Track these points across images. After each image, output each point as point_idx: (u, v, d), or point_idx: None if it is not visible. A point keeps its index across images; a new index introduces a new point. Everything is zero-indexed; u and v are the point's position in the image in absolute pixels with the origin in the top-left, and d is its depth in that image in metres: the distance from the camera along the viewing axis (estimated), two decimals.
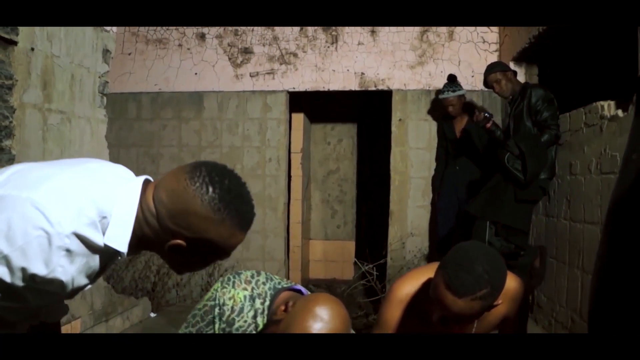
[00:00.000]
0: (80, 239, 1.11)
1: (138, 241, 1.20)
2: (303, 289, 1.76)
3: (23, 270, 1.06)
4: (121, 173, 1.26)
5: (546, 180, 3.68)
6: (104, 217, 1.14)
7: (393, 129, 5.21)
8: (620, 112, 2.86)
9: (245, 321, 1.69)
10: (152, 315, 4.26)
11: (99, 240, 1.14)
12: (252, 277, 1.76)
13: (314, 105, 6.40)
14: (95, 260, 1.18)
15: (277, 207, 5.40)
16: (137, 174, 1.29)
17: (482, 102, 5.04)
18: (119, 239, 1.16)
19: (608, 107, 2.96)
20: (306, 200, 6.51)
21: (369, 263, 5.07)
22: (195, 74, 5.57)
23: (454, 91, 4.59)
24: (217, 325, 1.70)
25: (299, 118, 6.26)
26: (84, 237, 1.11)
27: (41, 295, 1.17)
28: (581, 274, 3.21)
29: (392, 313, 1.86)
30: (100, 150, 3.47)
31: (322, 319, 1.46)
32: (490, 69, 3.96)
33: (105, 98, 3.53)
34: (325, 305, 1.49)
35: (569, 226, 3.43)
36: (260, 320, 1.69)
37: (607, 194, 2.92)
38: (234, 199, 1.19)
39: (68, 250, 1.10)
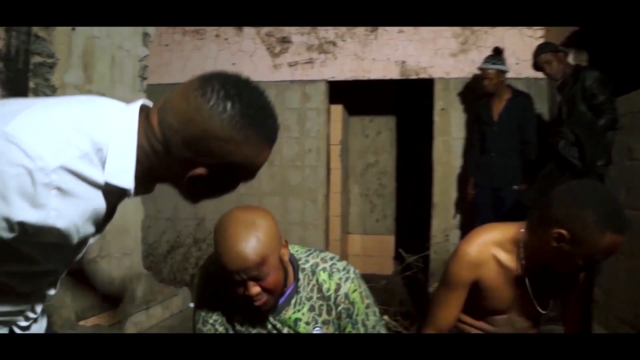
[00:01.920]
0: (73, 174, 0.90)
1: (145, 175, 1.01)
2: None
3: (7, 220, 0.87)
4: (114, 102, 1.05)
5: (603, 167, 3.49)
6: (100, 149, 0.94)
7: (435, 118, 5.06)
8: None
9: None
10: (192, 305, 4.20)
11: (98, 176, 0.94)
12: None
13: (352, 97, 6.28)
14: (98, 202, 0.98)
15: (316, 199, 5.30)
16: None
17: (527, 89, 4.83)
18: (123, 174, 0.96)
19: None
20: (345, 193, 6.40)
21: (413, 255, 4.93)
22: (233, 64, 5.51)
23: (493, 64, 4.33)
24: None
25: (337, 110, 6.15)
26: (78, 173, 0.91)
27: (47, 250, 0.99)
28: None
29: (466, 275, 1.74)
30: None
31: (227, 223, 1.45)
32: (541, 49, 3.78)
33: (145, 82, 3.48)
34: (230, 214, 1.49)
35: (629, 216, 3.25)
36: None
37: None
38: (257, 113, 1.01)
39: (59, 189, 0.89)
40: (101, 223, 1.05)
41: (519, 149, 4.30)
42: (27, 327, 1.14)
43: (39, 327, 1.19)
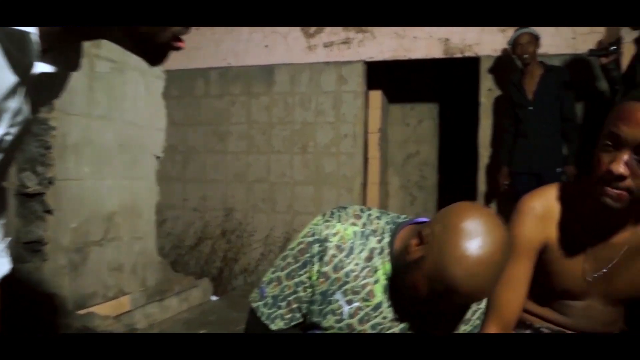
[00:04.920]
0: None
1: None
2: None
3: None
4: None
5: None
6: None
7: (482, 99, 4.63)
8: None
9: (357, 264, 1.23)
10: (214, 298, 3.89)
11: None
12: (362, 211, 1.31)
13: (392, 82, 5.91)
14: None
15: (353, 188, 4.94)
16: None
17: (584, 69, 4.37)
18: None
19: None
20: (384, 185, 6.02)
21: None
22: (266, 46, 5.21)
23: (527, 28, 3.97)
24: (315, 268, 1.23)
25: (376, 95, 5.79)
26: None
27: None
28: None
29: (532, 234, 1.39)
30: (157, 109, 3.13)
31: (480, 232, 1.07)
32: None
33: None
34: (473, 215, 1.09)
35: None
36: (379, 262, 1.24)
37: None
38: None
39: None
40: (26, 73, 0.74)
41: (559, 129, 3.94)
42: None
43: None
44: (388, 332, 1.23)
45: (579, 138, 3.91)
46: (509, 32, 4.48)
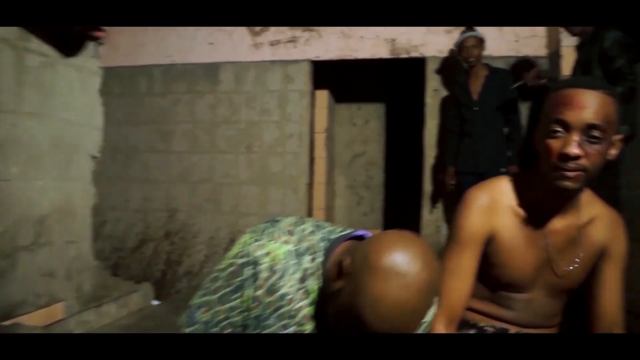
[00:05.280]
0: None
1: None
2: (368, 234, 1.24)
3: None
4: None
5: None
6: None
7: (427, 100, 4.65)
8: None
9: (292, 286, 1.17)
10: (155, 303, 3.77)
11: None
12: (296, 225, 1.23)
13: (339, 82, 5.88)
14: None
15: (298, 188, 4.88)
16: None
17: (527, 71, 4.44)
18: None
19: None
20: (330, 185, 5.99)
21: None
22: (211, 44, 5.11)
23: (473, 31, 4.03)
24: (248, 292, 1.16)
25: (323, 95, 5.75)
26: None
27: None
28: None
29: (479, 224, 1.41)
30: (93, 106, 2.99)
31: (400, 273, 0.97)
32: None
33: (100, 48, 3.06)
34: (397, 251, 0.99)
35: None
36: (313, 284, 1.18)
37: None
38: None
39: None
40: None
41: (502, 129, 4.01)
42: None
43: None
44: None
45: (522, 139, 3.98)
46: (455, 33, 4.51)
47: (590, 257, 1.45)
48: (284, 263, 1.17)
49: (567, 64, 3.78)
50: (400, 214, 6.04)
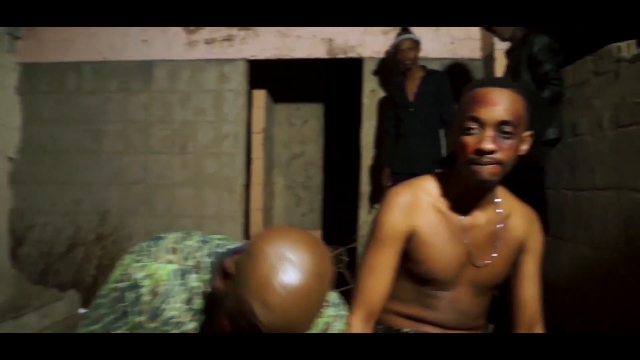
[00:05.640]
0: None
1: None
2: None
3: None
4: None
5: (547, 144, 3.17)
6: None
7: (364, 100, 4.65)
8: None
9: (178, 308, 1.09)
10: (82, 311, 3.61)
11: None
12: (181, 241, 1.15)
13: (277, 82, 5.82)
14: None
15: (234, 189, 4.80)
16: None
17: (462, 73, 4.51)
18: None
19: (627, 48, 2.45)
20: (268, 186, 5.93)
21: (339, 247, 4.51)
22: (144, 40, 4.95)
23: (409, 33, 4.07)
24: (132, 318, 1.07)
25: (260, 95, 5.70)
26: None
27: None
28: (590, 251, 2.71)
29: (399, 223, 1.44)
30: (10, 105, 2.83)
31: (287, 258, 0.91)
32: None
33: (18, 42, 2.90)
34: (282, 239, 0.94)
35: (572, 196, 2.93)
36: (201, 304, 1.10)
37: (627, 151, 2.42)
38: None
39: None
40: None
41: (438, 130, 4.06)
42: None
43: None
44: None
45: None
46: (392, 34, 4.53)
47: (510, 252, 1.49)
48: (167, 284, 1.09)
49: (500, 67, 3.85)
50: (339, 214, 6.04)
